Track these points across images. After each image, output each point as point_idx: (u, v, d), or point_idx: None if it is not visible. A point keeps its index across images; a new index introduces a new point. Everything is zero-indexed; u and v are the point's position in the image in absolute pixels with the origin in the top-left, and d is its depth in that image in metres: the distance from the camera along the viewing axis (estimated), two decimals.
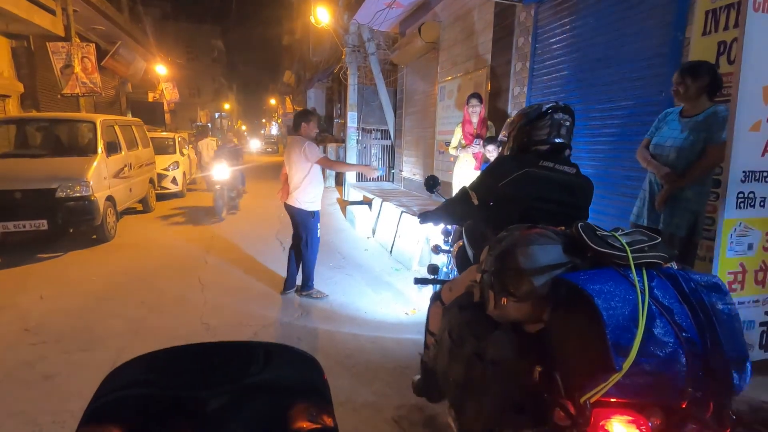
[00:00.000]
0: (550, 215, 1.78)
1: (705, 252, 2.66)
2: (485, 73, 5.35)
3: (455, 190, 4.60)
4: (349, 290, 4.21)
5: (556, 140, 1.86)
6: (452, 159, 6.28)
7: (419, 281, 2.47)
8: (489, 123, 4.50)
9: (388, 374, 2.75)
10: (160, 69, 17.18)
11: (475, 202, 2.05)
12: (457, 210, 2.19)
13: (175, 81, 19.38)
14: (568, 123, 1.86)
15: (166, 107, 17.93)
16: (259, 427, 0.63)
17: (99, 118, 6.30)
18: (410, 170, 8.64)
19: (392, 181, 9.98)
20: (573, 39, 3.88)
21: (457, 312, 1.69)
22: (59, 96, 9.54)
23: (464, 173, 4.50)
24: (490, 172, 1.99)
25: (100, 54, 10.82)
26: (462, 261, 2.32)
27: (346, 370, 2.77)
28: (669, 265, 1.30)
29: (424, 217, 2.45)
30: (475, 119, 4.38)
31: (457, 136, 4.58)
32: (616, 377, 1.06)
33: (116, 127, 6.74)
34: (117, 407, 0.62)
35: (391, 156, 10.25)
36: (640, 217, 2.74)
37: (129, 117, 9.91)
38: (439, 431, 2.18)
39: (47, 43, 8.93)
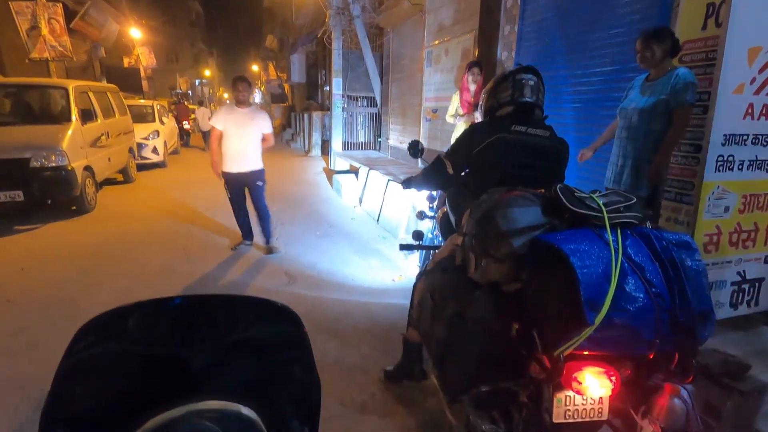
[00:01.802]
0: (527, 179, 1.80)
1: (684, 216, 2.73)
2: (473, 36, 5.22)
3: None
4: (336, 258, 4.23)
5: (520, 100, 1.84)
6: (434, 117, 6.21)
7: (404, 247, 2.49)
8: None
9: (375, 338, 2.81)
10: (135, 32, 16.39)
11: (450, 171, 2.04)
12: (433, 178, 2.18)
13: (151, 46, 18.56)
14: (532, 82, 1.84)
15: (142, 73, 17.22)
16: (242, 385, 0.63)
17: (72, 84, 6.02)
18: (397, 138, 8.55)
19: (379, 149, 9.88)
20: (563, 1, 3.78)
21: (439, 274, 1.72)
22: (27, 60, 9.06)
23: None
24: (463, 140, 1.98)
25: (69, 15, 10.23)
26: (446, 227, 2.34)
27: (334, 335, 2.82)
28: (644, 225, 1.34)
29: (408, 182, 2.44)
30: (473, 88, 4.31)
31: (454, 104, 4.50)
32: (588, 331, 1.12)
33: (90, 94, 6.46)
34: (92, 365, 0.60)
35: (377, 124, 10.10)
36: (609, 180, 2.82)
37: (104, 83, 9.48)
38: (425, 390, 2.25)
39: (9, 2, 8.39)
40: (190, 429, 0.53)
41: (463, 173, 2.03)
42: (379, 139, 9.91)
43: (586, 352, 1.19)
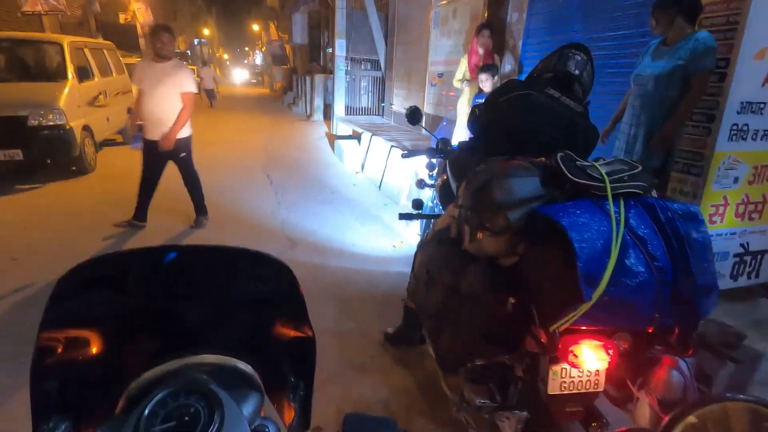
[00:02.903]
0: (539, 152, 1.73)
1: (690, 188, 2.69)
2: None
3: (458, 126, 4.47)
4: (337, 224, 4.22)
5: (561, 68, 1.76)
6: (452, 94, 6.06)
7: (404, 216, 2.48)
8: (495, 56, 4.25)
9: (375, 303, 2.84)
10: None
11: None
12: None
13: (148, 1, 17.84)
14: (579, 57, 1.77)
15: (139, 31, 16.63)
16: (238, 339, 0.62)
17: (66, 40, 5.83)
18: (401, 104, 8.36)
19: (382, 115, 9.69)
20: None
21: (435, 247, 1.70)
22: (19, 14, 8.74)
23: (469, 108, 4.34)
24: (497, 90, 1.92)
25: None
26: (446, 195, 2.30)
27: (334, 299, 2.86)
28: (649, 194, 1.30)
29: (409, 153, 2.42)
30: (482, 51, 4.13)
31: (462, 68, 4.33)
32: (584, 307, 1.09)
33: (86, 51, 6.26)
34: (80, 311, 0.58)
35: (381, 88, 9.85)
36: (620, 149, 2.76)
37: (100, 40, 9.17)
38: (423, 353, 2.29)
39: None
40: (185, 380, 0.52)
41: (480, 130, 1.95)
42: (383, 105, 9.69)
43: (583, 327, 1.17)
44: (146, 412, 0.48)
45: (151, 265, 0.62)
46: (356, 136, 7.53)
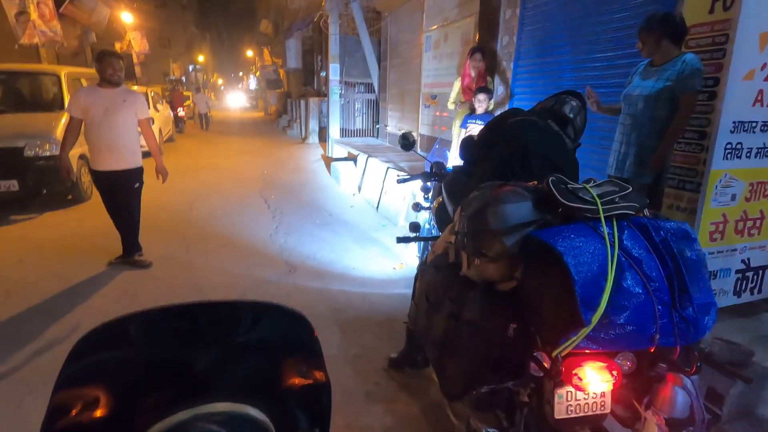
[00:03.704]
0: (547, 172, 1.77)
1: (687, 204, 2.73)
2: (473, 21, 5.13)
3: (454, 147, 4.53)
4: (336, 247, 4.21)
5: (558, 110, 1.88)
6: (445, 114, 6.15)
7: (402, 240, 2.49)
8: (488, 78, 4.35)
9: (378, 327, 2.81)
10: (126, 16, 16.02)
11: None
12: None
13: (143, 31, 18.16)
14: (574, 103, 1.90)
15: (135, 59, 16.87)
16: (249, 386, 0.62)
17: (64, 71, 5.90)
18: (395, 125, 8.47)
19: (377, 136, 9.79)
20: None
21: (433, 273, 1.70)
22: (16, 47, 8.85)
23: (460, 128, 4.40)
24: (505, 113, 2.01)
25: (59, 0, 9.96)
26: (442, 217, 2.32)
27: (336, 325, 2.82)
28: (641, 214, 1.31)
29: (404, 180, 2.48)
30: (474, 74, 4.23)
31: (456, 90, 4.43)
32: (584, 332, 1.09)
33: (83, 81, 6.32)
34: (94, 371, 0.58)
35: (375, 110, 9.99)
36: (611, 167, 2.81)
37: (95, 70, 9.30)
38: (428, 377, 2.26)
39: None
40: None
41: (469, 161, 2.00)
42: (377, 126, 9.81)
43: (586, 351, 1.17)
44: None
45: (162, 321, 0.63)
46: (352, 158, 7.59)
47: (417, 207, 2.82)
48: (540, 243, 1.19)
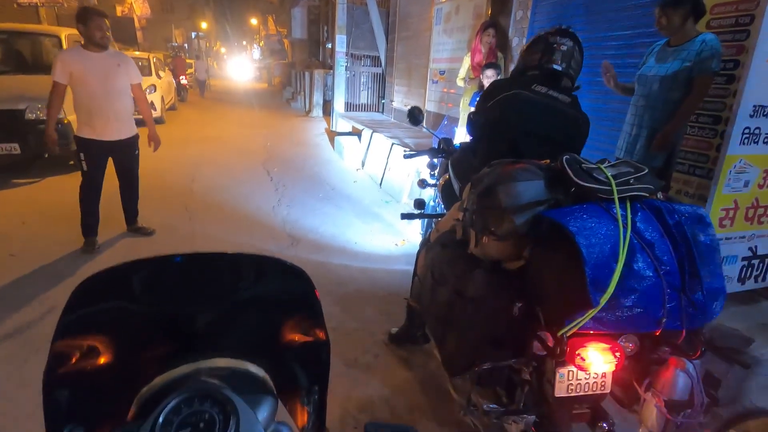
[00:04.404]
0: (540, 149, 1.72)
1: (696, 189, 2.69)
2: None
3: (461, 124, 4.46)
4: (338, 221, 4.20)
5: (547, 65, 1.71)
6: (453, 91, 6.03)
7: (406, 216, 2.47)
8: (499, 54, 4.23)
9: (379, 301, 2.83)
10: None
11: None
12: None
13: None
14: (565, 47, 1.71)
15: (137, 23, 16.52)
16: (250, 343, 0.61)
17: (64, 32, 5.75)
18: (401, 101, 8.32)
19: (382, 111, 9.64)
20: None
21: (440, 250, 1.69)
22: (15, 5, 8.62)
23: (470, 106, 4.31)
24: (484, 93, 1.90)
25: None
26: (448, 195, 2.29)
27: (338, 298, 2.84)
28: (655, 196, 1.29)
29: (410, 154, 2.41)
30: (485, 50, 4.11)
31: (465, 66, 4.31)
32: (592, 312, 1.09)
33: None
34: (94, 320, 0.58)
35: (381, 85, 9.80)
36: (620, 149, 2.75)
37: None
38: (428, 352, 2.28)
39: None
40: (199, 387, 0.51)
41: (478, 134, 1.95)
42: (383, 101, 9.64)
43: (591, 332, 1.17)
44: (161, 419, 0.47)
45: (163, 273, 0.62)
46: (356, 133, 7.49)
47: (423, 184, 2.79)
48: (551, 222, 1.17)
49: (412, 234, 3.85)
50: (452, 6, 5.87)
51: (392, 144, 5.50)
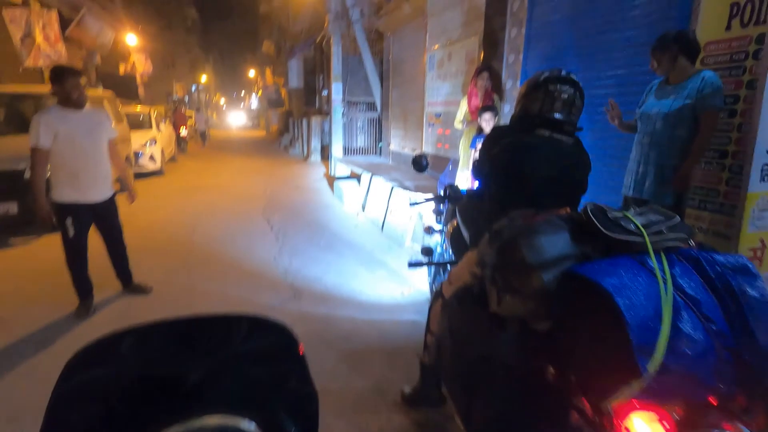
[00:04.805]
0: (548, 191, 1.67)
1: (709, 225, 2.62)
2: (477, 40, 5.12)
3: (461, 167, 4.46)
4: (342, 270, 4.09)
5: (548, 115, 1.67)
6: (447, 131, 6.10)
7: (414, 265, 2.38)
8: (495, 96, 4.30)
9: (388, 357, 2.67)
10: (131, 39, 16.23)
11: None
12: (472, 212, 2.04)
13: (147, 52, 18.42)
14: (566, 95, 1.66)
15: (139, 80, 17.07)
16: (240, 398, 0.62)
17: None
18: (399, 143, 8.44)
19: (380, 154, 9.76)
20: (572, 2, 3.68)
21: (458, 307, 1.58)
22: (21, 69, 8.91)
23: (470, 149, 4.32)
24: (486, 140, 1.86)
25: (64, 22, 10.08)
26: (457, 242, 2.22)
27: (345, 355, 2.69)
28: (690, 246, 1.20)
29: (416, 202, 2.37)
30: (481, 93, 4.18)
31: (463, 110, 4.37)
32: (640, 382, 0.97)
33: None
34: (85, 391, 0.58)
35: (378, 129, 9.99)
36: (628, 187, 2.70)
37: (99, 90, 9.33)
38: (445, 414, 2.11)
39: (2, 10, 8.24)
40: None
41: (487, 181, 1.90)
42: (380, 144, 9.79)
43: (637, 403, 1.04)
44: None
45: (151, 338, 0.64)
46: (355, 177, 7.52)
47: (429, 230, 2.72)
48: (583, 279, 1.08)
49: (419, 281, 3.74)
50: (444, 53, 6.06)
51: (392, 187, 5.49)
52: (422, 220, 4.81)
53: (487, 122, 3.92)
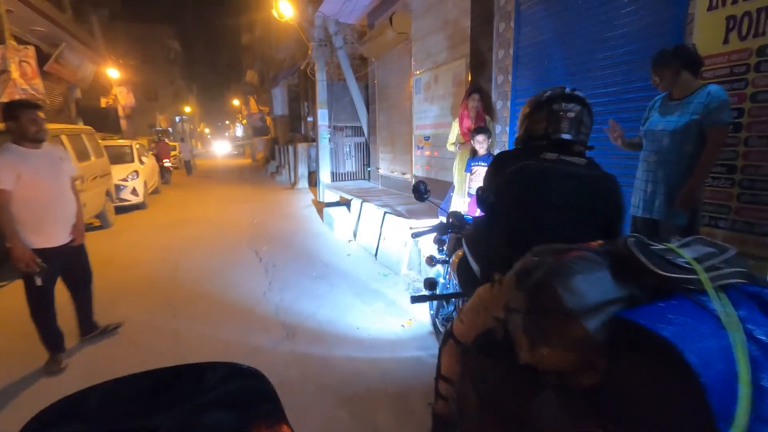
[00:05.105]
0: (565, 221, 1.51)
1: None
2: (464, 62, 5.09)
3: (457, 187, 4.33)
4: (337, 303, 3.87)
5: (555, 136, 1.54)
6: (436, 153, 6.03)
7: (417, 299, 2.19)
8: (487, 117, 4.23)
9: (393, 401, 2.45)
10: (112, 72, 16.13)
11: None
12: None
13: (129, 85, 18.32)
14: (572, 114, 1.53)
15: (121, 112, 16.90)
16: None
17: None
18: (387, 167, 8.34)
19: (369, 179, 9.65)
20: (560, 21, 3.65)
21: (480, 356, 1.40)
22: None
23: (463, 172, 4.19)
24: (489, 170, 1.71)
25: (43, 58, 9.93)
26: (465, 274, 2.05)
27: (344, 400, 2.46)
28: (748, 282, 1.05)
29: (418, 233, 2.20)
30: (473, 115, 4.11)
31: (455, 132, 4.28)
32: None
33: (63, 137, 6.10)
34: None
35: (365, 153, 9.91)
36: (636, 207, 2.59)
37: (79, 125, 9.09)
38: None
39: None
40: None
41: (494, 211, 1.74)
42: (368, 169, 9.70)
43: None
44: None
45: (119, 393, 0.63)
46: (345, 203, 7.36)
47: (431, 261, 2.55)
48: (636, 328, 0.91)
49: (419, 312, 3.54)
50: (431, 75, 6.04)
51: (384, 213, 5.33)
52: (418, 245, 4.64)
53: (481, 144, 3.83)
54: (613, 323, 0.97)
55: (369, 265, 5.08)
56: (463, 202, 3.96)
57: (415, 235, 2.33)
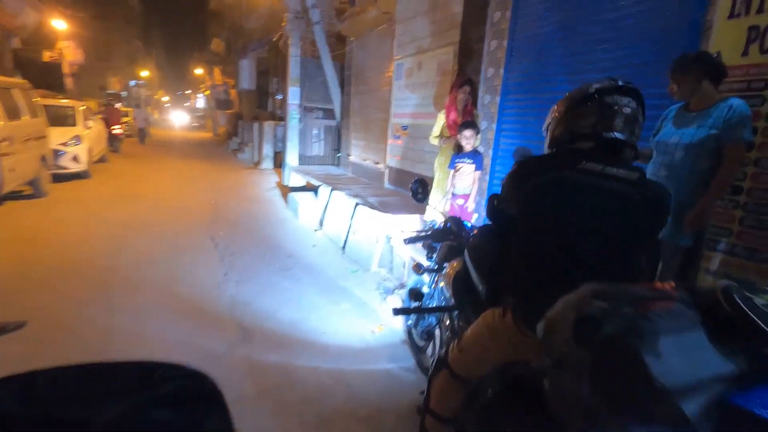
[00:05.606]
0: (602, 249, 1.25)
1: (720, 267, 2.39)
2: (452, 50, 4.80)
3: (436, 183, 4.04)
4: (300, 301, 3.52)
5: (605, 134, 1.25)
6: (412, 144, 5.72)
7: (400, 312, 1.90)
8: (475, 112, 3.95)
9: (362, 425, 2.16)
10: (59, 24, 14.58)
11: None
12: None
13: (78, 40, 16.73)
14: (628, 110, 1.25)
15: (66, 69, 15.37)
16: None
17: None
18: (359, 155, 7.97)
19: (338, 165, 9.24)
20: (564, 14, 3.41)
21: (499, 406, 1.13)
22: None
23: (447, 168, 3.88)
24: (511, 176, 1.39)
25: None
26: (463, 289, 1.78)
27: (307, 422, 2.14)
28: None
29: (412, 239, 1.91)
30: (461, 107, 3.81)
31: (440, 124, 3.96)
32: None
33: None
34: None
35: (336, 137, 9.46)
36: None
37: (13, 78, 7.98)
38: None
39: None
40: None
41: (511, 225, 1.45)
42: (338, 154, 9.27)
43: None
44: None
45: (54, 382, 0.60)
46: (312, 188, 6.94)
47: (419, 268, 2.27)
48: (756, 419, 0.66)
49: (390, 317, 3.26)
50: (414, 61, 5.70)
51: (356, 204, 5.00)
52: (389, 242, 4.36)
53: (468, 140, 3.56)
54: (720, 406, 0.71)
55: (336, 258, 4.75)
56: (445, 202, 3.69)
57: (409, 241, 2.04)
